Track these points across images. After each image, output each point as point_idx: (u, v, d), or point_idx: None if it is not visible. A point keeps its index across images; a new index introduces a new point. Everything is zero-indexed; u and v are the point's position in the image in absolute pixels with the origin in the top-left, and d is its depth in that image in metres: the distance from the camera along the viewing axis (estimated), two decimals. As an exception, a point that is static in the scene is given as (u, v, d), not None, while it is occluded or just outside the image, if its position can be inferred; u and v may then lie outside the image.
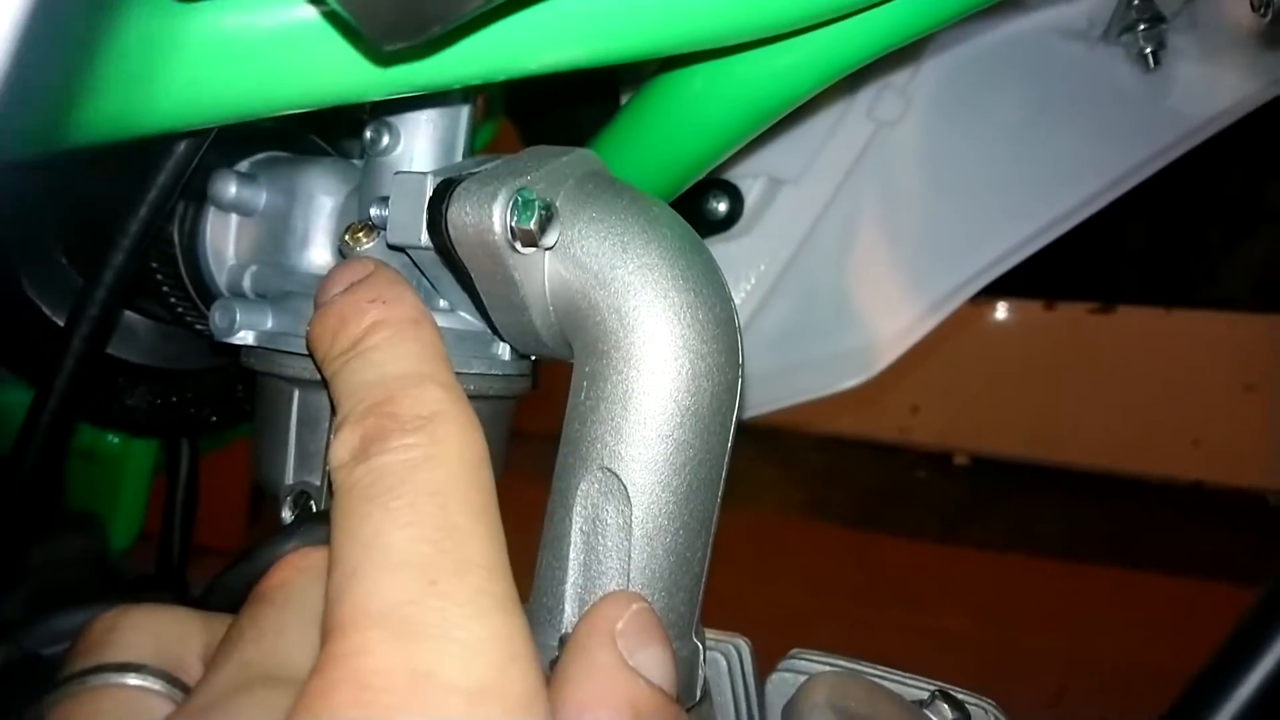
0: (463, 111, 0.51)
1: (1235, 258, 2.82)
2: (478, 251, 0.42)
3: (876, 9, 0.45)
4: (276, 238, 0.54)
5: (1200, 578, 2.15)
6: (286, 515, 0.50)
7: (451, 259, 0.44)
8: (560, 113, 0.70)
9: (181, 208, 0.55)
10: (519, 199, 0.41)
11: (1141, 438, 2.69)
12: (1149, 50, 0.74)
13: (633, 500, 0.41)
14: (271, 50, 0.38)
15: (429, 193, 0.43)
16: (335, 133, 0.63)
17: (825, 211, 0.81)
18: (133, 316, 0.66)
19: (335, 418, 0.39)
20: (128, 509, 0.97)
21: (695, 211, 0.81)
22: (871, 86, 0.77)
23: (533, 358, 0.52)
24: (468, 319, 0.49)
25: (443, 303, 0.49)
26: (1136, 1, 0.74)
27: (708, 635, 0.47)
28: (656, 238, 0.42)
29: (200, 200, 0.55)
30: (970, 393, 2.90)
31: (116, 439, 0.93)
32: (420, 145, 0.51)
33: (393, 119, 0.51)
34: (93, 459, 0.94)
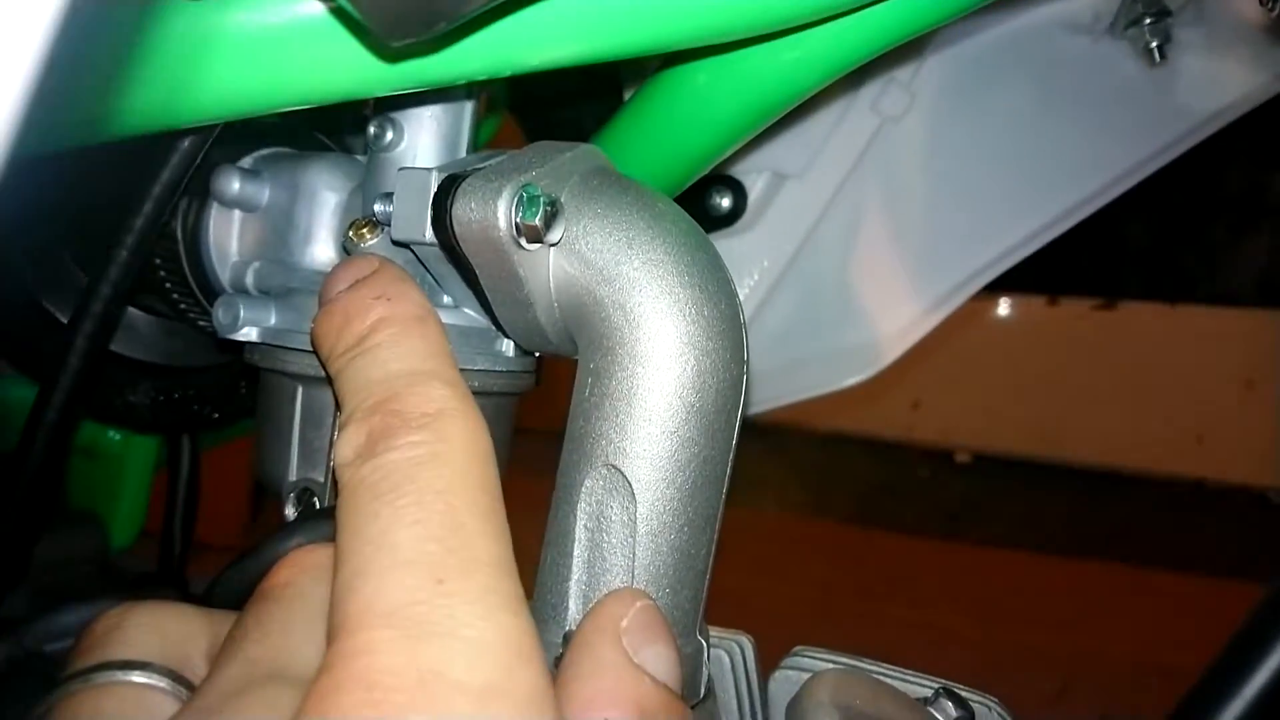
0: (466, 107, 0.51)
1: (1238, 253, 2.81)
2: (482, 247, 0.42)
3: (881, 4, 0.45)
4: (280, 234, 0.54)
5: (1202, 574, 2.15)
6: (289, 512, 0.50)
7: (456, 255, 0.44)
8: (563, 109, 0.70)
9: (185, 204, 0.55)
10: (524, 195, 0.41)
11: (1144, 434, 2.68)
12: (1154, 44, 0.74)
13: (637, 497, 0.41)
14: (279, 47, 0.38)
15: (433, 189, 0.43)
16: (338, 129, 0.63)
17: (829, 207, 0.81)
18: (135, 313, 0.66)
19: (340, 415, 0.38)
20: (129, 506, 0.97)
21: (698, 207, 0.81)
22: (876, 81, 0.77)
23: (536, 354, 0.52)
24: (472, 315, 0.49)
25: (446, 299, 0.49)
26: (1142, -5, 0.73)
27: (710, 632, 0.47)
28: (662, 233, 0.42)
29: (203, 196, 0.55)
30: (972, 389, 2.90)
31: (118, 436, 0.93)
32: (424, 141, 0.50)
33: (396, 115, 0.50)
34: (94, 456, 0.94)
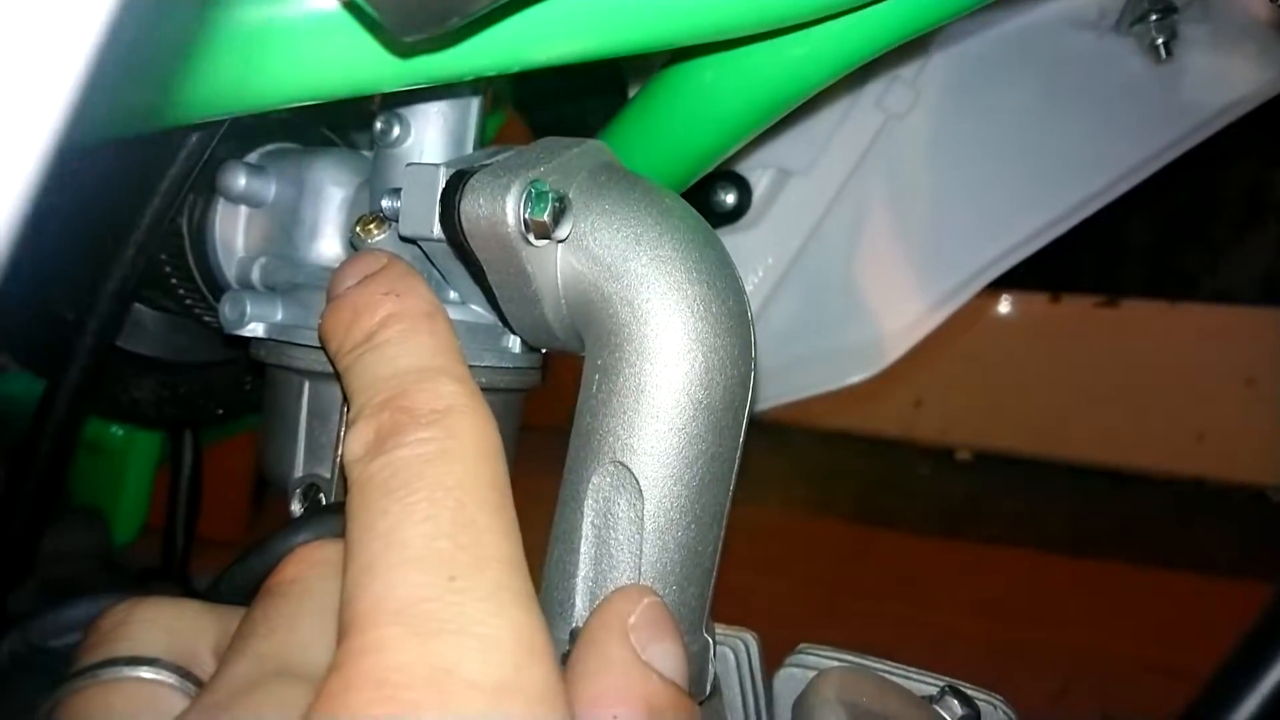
0: (473, 103, 0.51)
1: (1240, 252, 2.81)
2: (490, 243, 0.42)
3: (887, 1, 0.45)
4: (286, 230, 0.54)
5: (1203, 572, 2.14)
6: (295, 508, 0.50)
7: (464, 251, 0.43)
8: (568, 104, 0.69)
9: (191, 200, 0.55)
10: (532, 191, 0.41)
11: (1145, 432, 2.68)
12: (1160, 41, 0.74)
13: (645, 494, 0.41)
14: (291, 42, 0.38)
15: (441, 184, 0.43)
16: (344, 124, 0.63)
17: (833, 204, 0.81)
18: (141, 308, 0.66)
19: (349, 411, 0.38)
20: (132, 501, 0.97)
21: (703, 203, 0.81)
22: (881, 78, 0.77)
23: (543, 351, 0.51)
24: (479, 312, 0.49)
25: (453, 295, 0.49)
26: (1148, -8, 0.73)
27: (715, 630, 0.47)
28: (670, 230, 0.42)
29: (209, 193, 0.55)
30: (973, 387, 2.89)
31: (121, 431, 0.93)
32: (431, 137, 0.50)
33: (403, 111, 0.50)
34: (97, 451, 0.94)
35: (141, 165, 0.46)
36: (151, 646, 0.37)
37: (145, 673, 0.36)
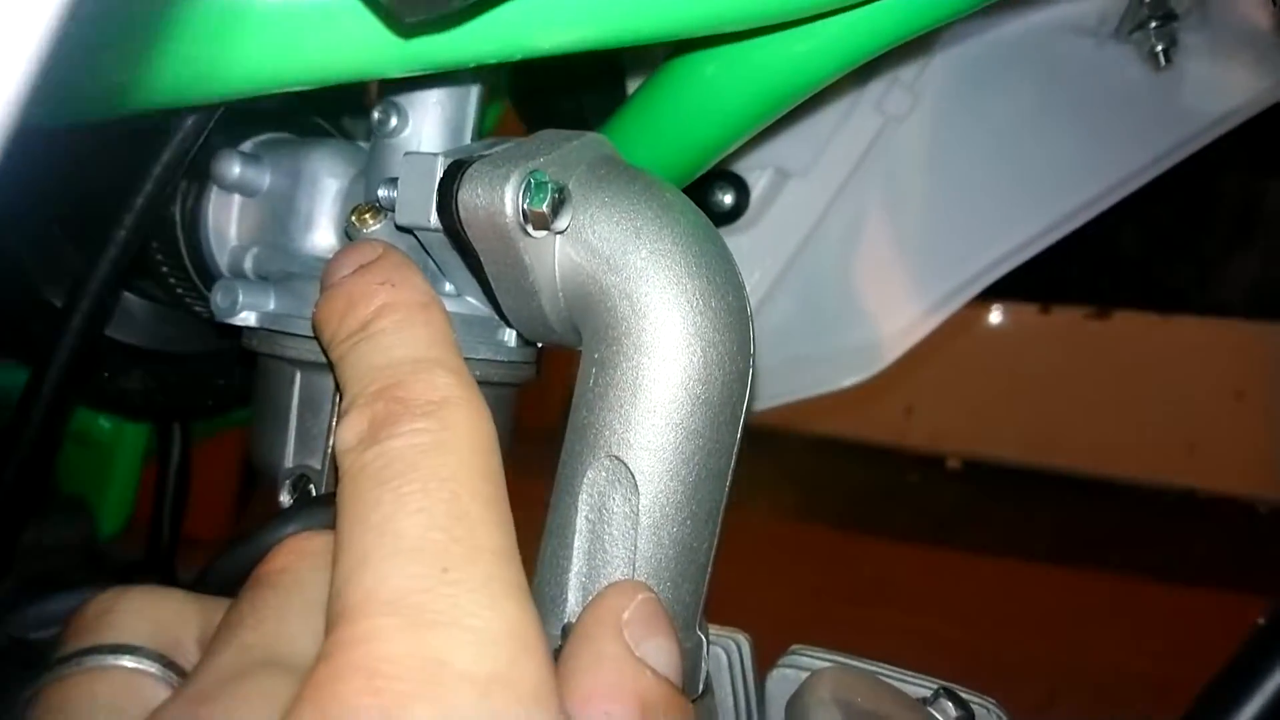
0: (472, 94, 0.51)
1: (1230, 265, 2.82)
2: (488, 234, 0.42)
3: (893, -3, 0.45)
4: (280, 219, 0.53)
5: (1191, 585, 2.15)
6: (285, 499, 0.49)
7: (461, 241, 0.43)
8: (565, 98, 0.69)
9: (184, 187, 0.54)
10: (531, 181, 0.40)
11: (1135, 443, 2.69)
12: (1160, 48, 0.74)
13: (640, 489, 0.40)
14: (292, 24, 0.37)
15: (439, 173, 0.42)
16: (338, 116, 0.62)
17: (831, 206, 0.81)
18: (130, 298, 0.65)
19: (341, 401, 0.38)
20: (118, 494, 0.96)
21: (701, 203, 0.79)
22: (881, 80, 0.77)
23: (539, 345, 0.51)
24: (474, 304, 0.49)
25: (449, 287, 0.48)
26: (1148, -1, 0.73)
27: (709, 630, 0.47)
28: (670, 223, 0.42)
29: (203, 180, 0.54)
30: (965, 396, 2.90)
31: (109, 423, 0.92)
32: (429, 127, 0.50)
33: (401, 100, 0.50)
34: (84, 443, 0.93)
35: (135, 148, 0.46)
36: (136, 635, 0.36)
37: (128, 661, 0.35)
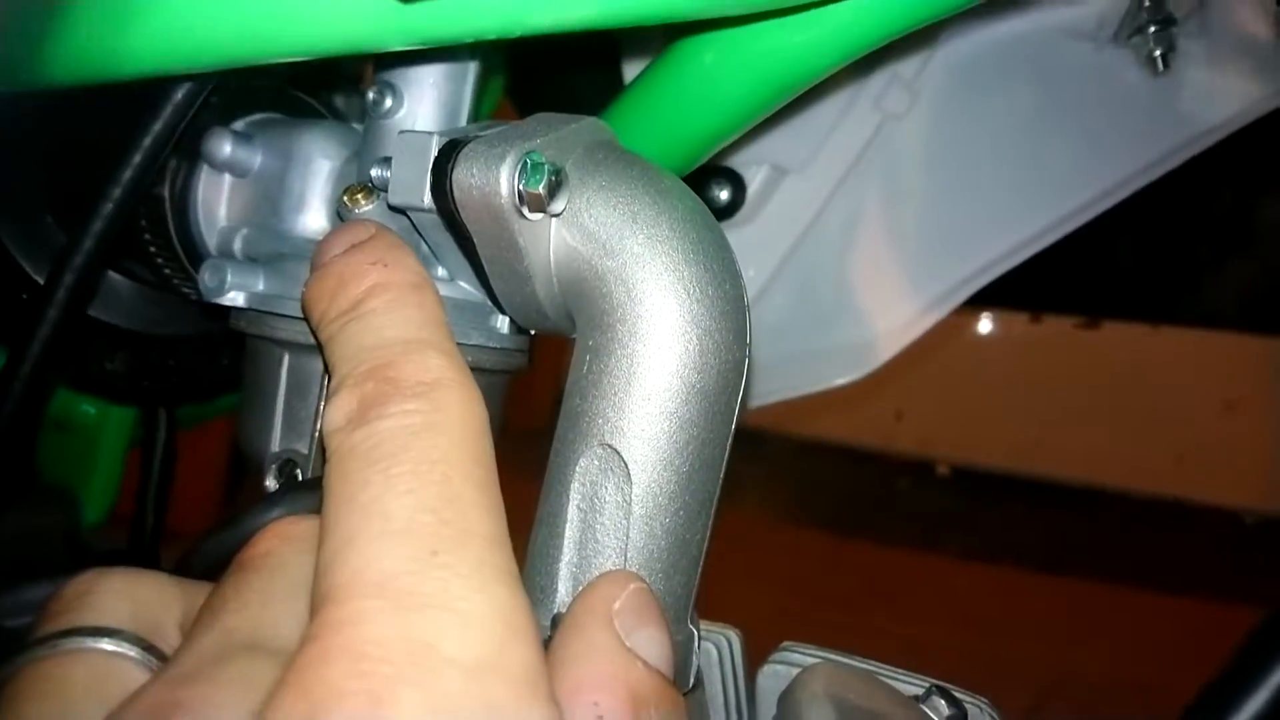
0: (468, 75, 0.50)
1: (1222, 276, 2.83)
2: (482, 215, 0.41)
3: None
4: (271, 200, 0.52)
5: (1178, 594, 2.16)
6: (271, 484, 0.48)
7: (454, 223, 0.42)
8: (558, 84, 0.68)
9: (174, 166, 0.53)
10: (528, 162, 0.40)
11: (1124, 453, 2.70)
12: (1158, 53, 0.73)
13: (633, 478, 0.40)
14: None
15: (434, 153, 0.42)
16: (330, 97, 0.62)
17: (828, 203, 0.80)
18: (116, 279, 0.64)
19: (330, 382, 0.37)
20: (102, 482, 0.95)
21: (697, 198, 0.80)
22: (880, 77, 0.76)
23: (531, 333, 0.50)
24: (467, 289, 0.48)
25: (442, 271, 0.48)
26: (1148, 3, 0.73)
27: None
28: (668, 209, 0.41)
29: (193, 159, 0.53)
30: (954, 402, 2.90)
31: (93, 408, 0.91)
32: (424, 109, 0.49)
33: (396, 80, 0.49)
34: (67, 429, 0.91)
35: (123, 121, 0.45)
36: (115, 618, 0.35)
37: (107, 644, 0.34)
